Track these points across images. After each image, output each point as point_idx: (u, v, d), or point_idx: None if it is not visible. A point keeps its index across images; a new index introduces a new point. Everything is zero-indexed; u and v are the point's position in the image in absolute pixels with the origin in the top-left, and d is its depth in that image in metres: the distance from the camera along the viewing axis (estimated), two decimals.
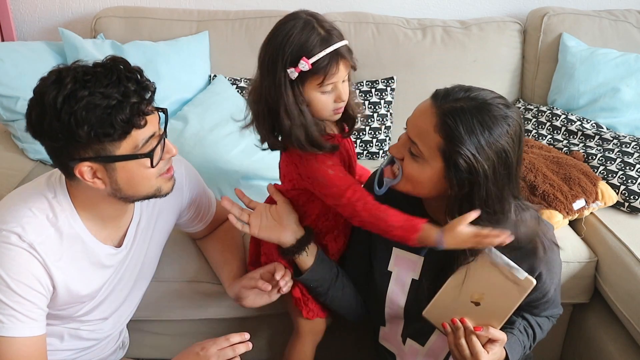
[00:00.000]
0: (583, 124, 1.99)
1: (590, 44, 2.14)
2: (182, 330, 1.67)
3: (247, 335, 1.11)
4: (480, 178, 0.99)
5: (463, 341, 1.11)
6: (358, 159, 1.91)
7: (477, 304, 1.11)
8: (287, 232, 1.24)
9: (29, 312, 1.03)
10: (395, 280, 1.24)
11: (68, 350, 1.24)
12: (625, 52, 2.09)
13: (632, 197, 1.70)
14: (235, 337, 1.10)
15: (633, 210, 1.70)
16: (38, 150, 1.80)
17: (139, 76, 1.00)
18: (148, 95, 1.00)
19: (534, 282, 1.07)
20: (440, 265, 1.13)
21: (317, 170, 1.16)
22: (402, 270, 1.23)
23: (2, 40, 2.17)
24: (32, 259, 1.03)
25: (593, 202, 1.68)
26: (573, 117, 2.02)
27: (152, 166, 1.04)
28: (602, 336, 1.62)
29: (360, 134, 2.04)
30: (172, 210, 1.30)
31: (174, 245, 1.51)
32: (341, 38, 1.12)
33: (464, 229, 1.04)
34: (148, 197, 1.10)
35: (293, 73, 1.08)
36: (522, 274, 1.07)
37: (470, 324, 1.11)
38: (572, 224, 1.71)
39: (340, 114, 1.18)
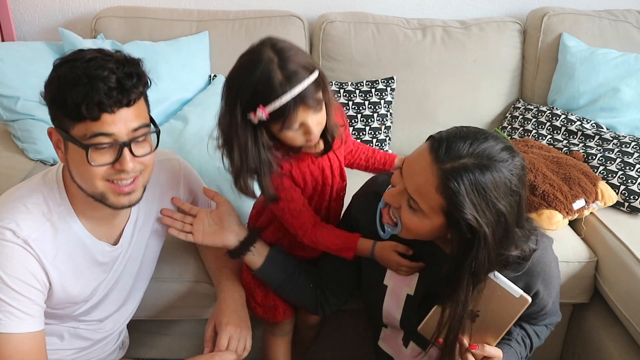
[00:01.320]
0: (583, 124, 1.99)
1: (590, 44, 2.14)
2: (182, 330, 1.67)
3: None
4: (480, 239, 0.96)
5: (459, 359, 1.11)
6: None
7: (472, 320, 1.09)
8: (230, 235, 1.25)
9: (26, 308, 1.03)
10: (391, 295, 1.23)
11: (68, 350, 1.24)
12: (625, 52, 2.09)
13: (632, 197, 1.70)
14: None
15: (633, 210, 1.70)
16: (38, 150, 1.80)
17: (135, 77, 0.99)
18: (125, 97, 0.97)
19: (529, 300, 1.05)
20: (436, 284, 1.09)
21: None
22: (397, 285, 1.22)
23: (2, 40, 2.17)
24: (27, 255, 1.03)
25: (593, 202, 1.68)
26: (573, 117, 2.02)
27: (87, 161, 0.99)
28: (602, 336, 1.62)
29: (361, 134, 2.04)
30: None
31: (174, 245, 1.51)
32: (304, 77, 1.04)
33: (391, 253, 1.17)
34: (97, 199, 1.06)
35: (253, 119, 1.05)
36: (517, 292, 1.05)
37: (465, 340, 1.10)
38: (572, 224, 1.71)
39: (317, 140, 1.14)
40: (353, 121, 2.04)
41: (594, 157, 1.82)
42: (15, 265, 1.02)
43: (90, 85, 0.94)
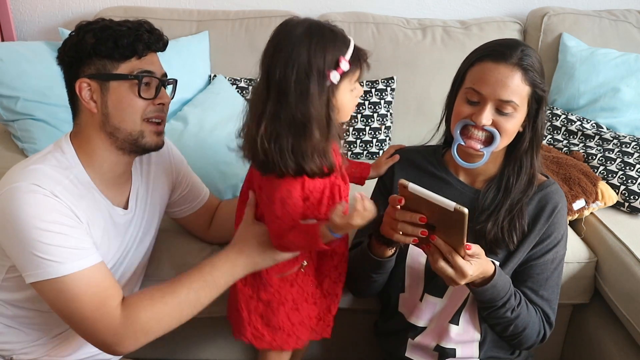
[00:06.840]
0: (583, 124, 1.99)
1: (590, 44, 2.14)
2: (182, 331, 1.67)
3: None
4: (543, 102, 1.18)
5: (443, 263, 1.07)
6: (358, 159, 1.90)
7: (431, 227, 1.05)
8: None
9: (79, 243, 1.05)
10: None
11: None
12: (625, 52, 2.09)
13: (632, 197, 1.70)
14: None
15: (633, 210, 1.70)
16: (38, 150, 1.79)
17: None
18: (161, 41, 1.15)
19: (465, 211, 0.99)
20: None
21: (280, 194, 1.08)
22: None
23: (2, 40, 2.17)
24: (57, 201, 1.04)
25: (593, 202, 1.68)
26: (573, 117, 2.02)
27: (139, 94, 1.10)
28: (602, 336, 1.62)
29: (361, 134, 2.04)
30: (164, 181, 1.33)
31: (173, 245, 1.51)
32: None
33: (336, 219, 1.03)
34: (133, 141, 1.13)
35: (335, 76, 1.02)
36: (451, 205, 0.99)
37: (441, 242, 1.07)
38: (572, 224, 1.71)
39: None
40: (353, 121, 2.04)
41: (594, 157, 1.82)
42: (51, 211, 1.03)
43: (136, 30, 1.10)
